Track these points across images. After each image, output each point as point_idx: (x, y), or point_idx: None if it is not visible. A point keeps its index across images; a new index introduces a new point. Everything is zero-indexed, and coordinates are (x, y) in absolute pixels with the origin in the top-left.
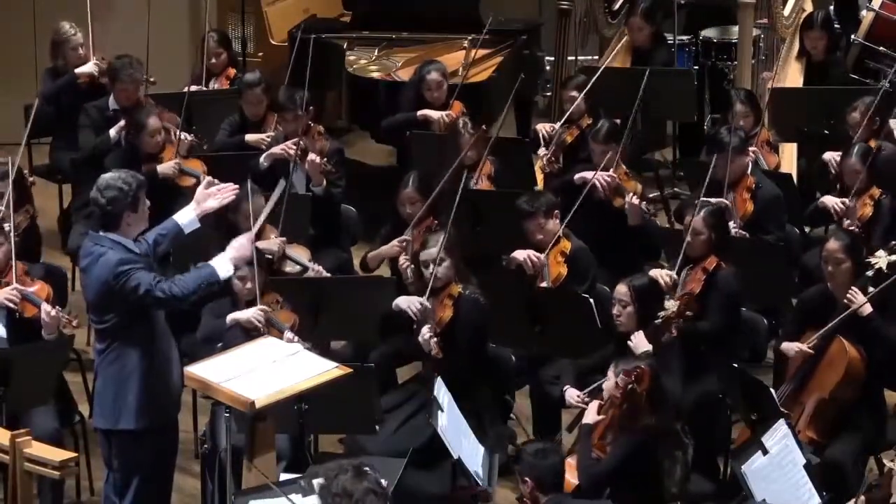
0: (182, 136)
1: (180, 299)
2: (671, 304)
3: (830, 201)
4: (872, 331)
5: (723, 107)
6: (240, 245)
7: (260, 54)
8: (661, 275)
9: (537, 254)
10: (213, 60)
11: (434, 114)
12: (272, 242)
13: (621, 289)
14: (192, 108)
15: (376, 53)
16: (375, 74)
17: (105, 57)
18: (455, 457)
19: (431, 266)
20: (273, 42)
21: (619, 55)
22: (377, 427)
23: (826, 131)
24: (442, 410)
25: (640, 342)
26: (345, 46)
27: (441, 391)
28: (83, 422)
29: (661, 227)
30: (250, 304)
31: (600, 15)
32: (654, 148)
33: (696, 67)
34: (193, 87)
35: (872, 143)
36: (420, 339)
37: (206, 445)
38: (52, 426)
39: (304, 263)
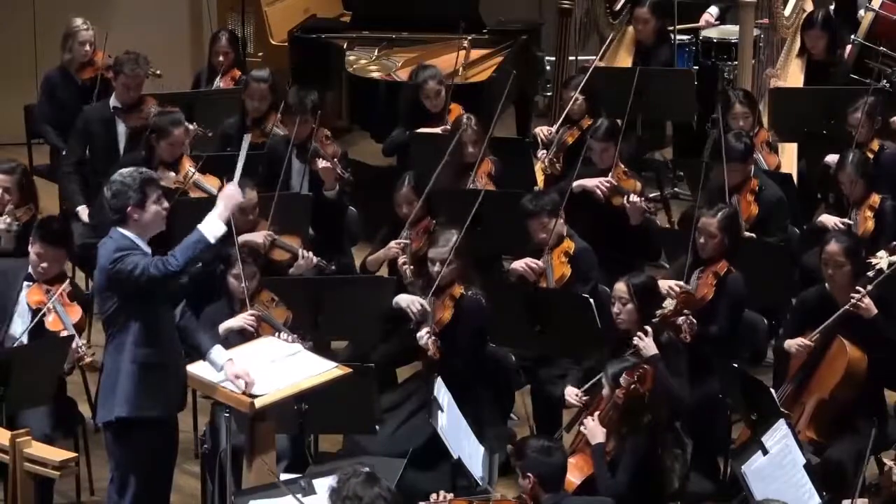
0: (190, 127)
1: (176, 272)
2: (668, 303)
3: (830, 221)
4: (877, 331)
5: (711, 108)
6: (227, 195)
7: (260, 54)
8: (671, 286)
9: (535, 260)
10: (220, 58)
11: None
12: (257, 235)
13: (620, 287)
14: (193, 107)
15: (376, 53)
16: (375, 74)
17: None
18: (455, 457)
19: (438, 265)
20: (273, 42)
21: (622, 54)
22: (377, 427)
23: (826, 131)
24: (442, 410)
25: (648, 345)
26: (345, 46)
27: (441, 391)
28: (83, 422)
29: (662, 227)
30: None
31: (601, 15)
32: (654, 148)
33: (695, 67)
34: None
35: (875, 143)
36: (418, 339)
37: (206, 445)
38: (46, 429)
39: (294, 249)
